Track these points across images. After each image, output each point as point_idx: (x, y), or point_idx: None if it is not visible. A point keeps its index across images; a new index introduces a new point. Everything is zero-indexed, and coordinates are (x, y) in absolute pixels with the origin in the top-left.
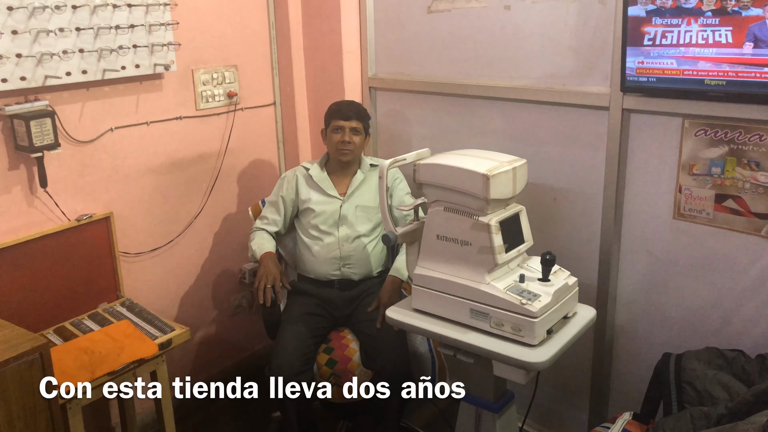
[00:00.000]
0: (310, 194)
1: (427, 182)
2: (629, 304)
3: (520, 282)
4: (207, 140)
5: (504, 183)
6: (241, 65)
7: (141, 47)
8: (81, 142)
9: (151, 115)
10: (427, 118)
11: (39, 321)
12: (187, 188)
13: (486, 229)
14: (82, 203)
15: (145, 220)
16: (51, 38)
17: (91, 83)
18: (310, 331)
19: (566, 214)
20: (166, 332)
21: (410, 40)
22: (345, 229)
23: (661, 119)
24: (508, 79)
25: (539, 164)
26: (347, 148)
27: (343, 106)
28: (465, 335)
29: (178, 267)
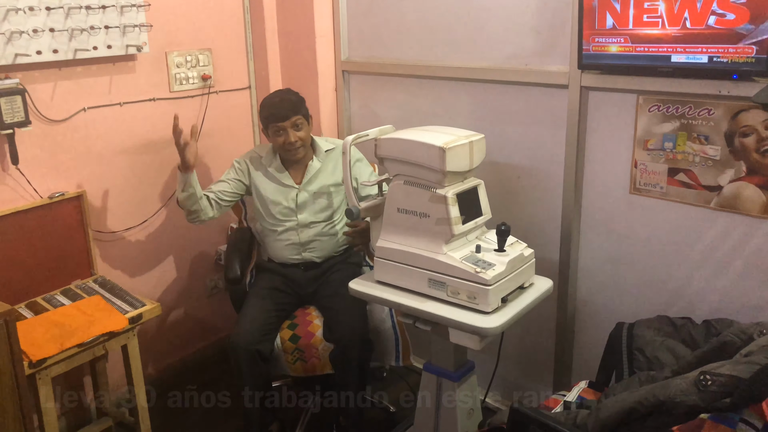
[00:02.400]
0: (265, 184)
1: (387, 157)
2: (589, 278)
3: (477, 252)
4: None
5: (460, 156)
6: (215, 49)
7: (112, 28)
8: (53, 121)
9: (125, 96)
10: (397, 100)
11: (11, 295)
12: (160, 169)
13: (443, 200)
14: (54, 181)
15: (119, 199)
16: (20, 16)
17: (63, 63)
18: (273, 305)
19: (529, 191)
20: (137, 307)
21: (381, 24)
22: (303, 215)
23: (617, 96)
24: (474, 60)
25: (504, 143)
26: (295, 147)
27: (274, 108)
28: (423, 304)
29: (152, 247)
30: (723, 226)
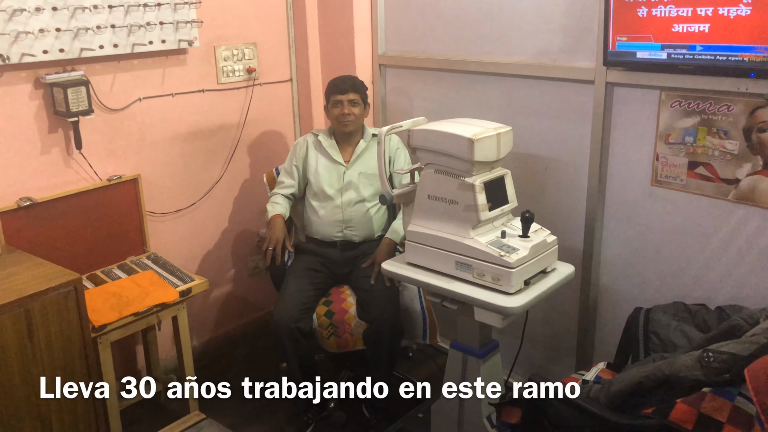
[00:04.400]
0: (318, 159)
1: (419, 146)
2: (611, 266)
3: (502, 237)
4: (227, 112)
5: (488, 147)
6: (260, 43)
7: (167, 24)
8: (112, 110)
9: (176, 87)
10: (431, 92)
11: (74, 268)
12: (208, 156)
13: (471, 188)
14: (113, 165)
15: (170, 183)
16: (86, 14)
17: (122, 56)
18: (311, 284)
19: (555, 182)
20: (187, 282)
21: (417, 20)
22: (348, 194)
23: (641, 92)
24: (505, 55)
25: (532, 135)
26: (347, 120)
27: (339, 82)
28: (450, 284)
29: (199, 228)
30: (740, 217)
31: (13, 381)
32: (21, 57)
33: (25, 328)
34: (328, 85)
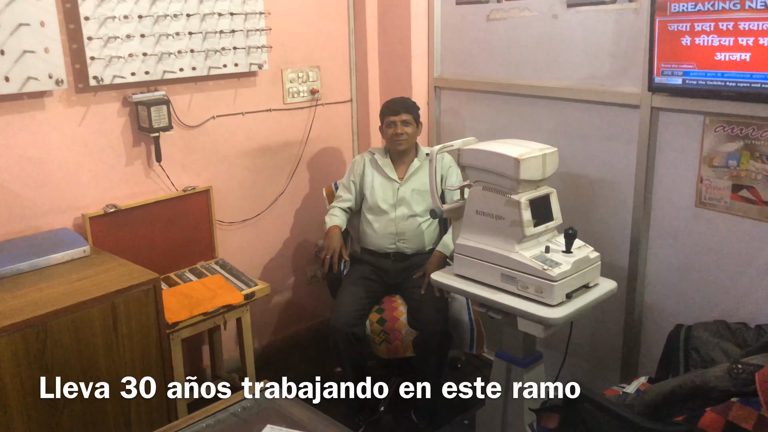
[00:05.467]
0: (373, 176)
1: (469, 165)
2: (656, 284)
3: (546, 252)
4: (292, 130)
5: (534, 167)
6: (323, 66)
7: (240, 49)
8: (189, 127)
9: (246, 106)
10: (483, 114)
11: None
12: (273, 170)
13: (517, 205)
14: (188, 177)
15: (238, 194)
16: (170, 40)
17: (199, 78)
18: (365, 293)
19: (601, 201)
20: (251, 286)
21: (471, 45)
22: (402, 209)
23: (685, 117)
24: (554, 79)
25: (579, 156)
26: (400, 139)
27: (392, 104)
28: (496, 295)
29: (263, 237)
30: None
31: (99, 366)
32: (112, 78)
33: (111, 320)
34: (382, 107)
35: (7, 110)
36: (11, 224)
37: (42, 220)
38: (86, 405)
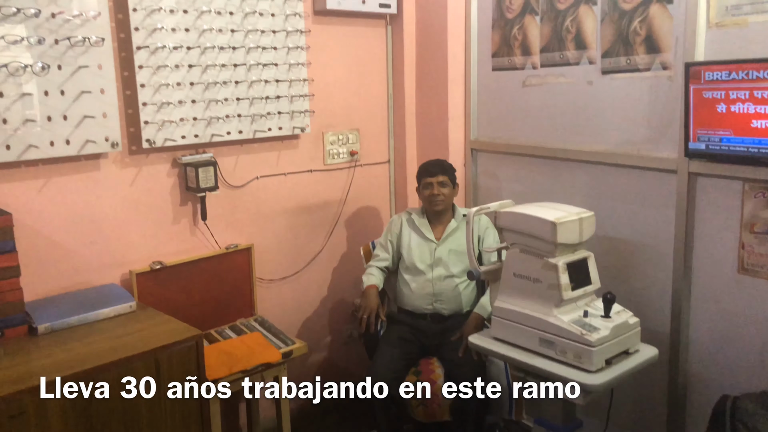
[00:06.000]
0: (410, 236)
1: (506, 227)
2: (699, 351)
3: (584, 317)
4: (331, 190)
5: (571, 230)
6: (362, 129)
7: (284, 114)
8: (233, 187)
9: (288, 167)
10: (520, 176)
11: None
12: (312, 229)
13: (554, 269)
14: (231, 235)
15: (278, 252)
16: (218, 106)
17: (245, 141)
18: (402, 354)
19: (640, 265)
20: (289, 345)
21: (507, 109)
22: (439, 270)
23: (724, 182)
24: (590, 144)
25: (616, 220)
26: (437, 200)
27: (429, 165)
28: (534, 360)
29: (301, 295)
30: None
31: (141, 421)
32: (164, 141)
33: (154, 376)
34: (419, 169)
35: (66, 171)
36: (64, 279)
37: (92, 276)
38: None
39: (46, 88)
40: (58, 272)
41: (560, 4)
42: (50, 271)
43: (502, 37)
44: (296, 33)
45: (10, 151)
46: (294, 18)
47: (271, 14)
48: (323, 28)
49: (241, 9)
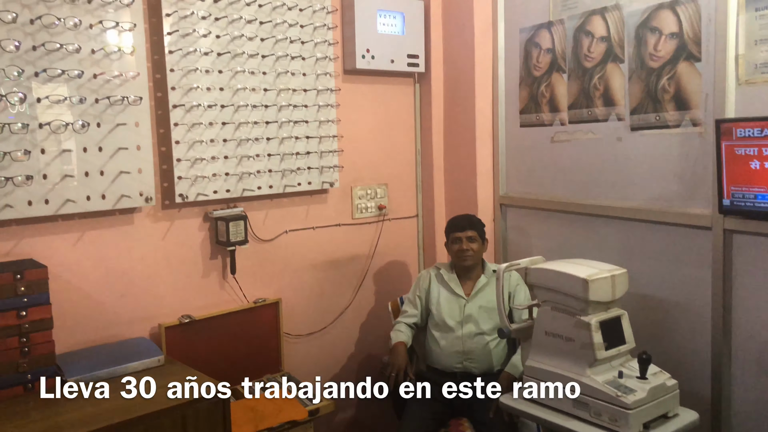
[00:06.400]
0: (439, 291)
1: (536, 284)
2: (744, 417)
3: (619, 378)
4: (359, 244)
5: (603, 288)
6: (390, 183)
7: (313, 169)
8: (263, 240)
9: (317, 221)
10: (550, 232)
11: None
12: (340, 284)
13: (587, 327)
14: (259, 289)
15: (306, 307)
16: (250, 162)
17: (274, 195)
18: (431, 415)
19: (676, 325)
20: (316, 402)
21: (536, 164)
22: (469, 327)
23: (762, 239)
24: (621, 199)
25: (650, 277)
26: (466, 255)
27: (457, 220)
28: (568, 422)
29: (328, 351)
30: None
31: None
32: (196, 196)
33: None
34: (447, 224)
35: (101, 225)
36: (93, 332)
37: (122, 329)
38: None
39: (85, 145)
40: (89, 325)
41: (587, 63)
42: (81, 324)
43: (530, 94)
44: (326, 91)
45: (48, 205)
46: (324, 77)
47: (302, 74)
48: (353, 87)
49: (274, 69)
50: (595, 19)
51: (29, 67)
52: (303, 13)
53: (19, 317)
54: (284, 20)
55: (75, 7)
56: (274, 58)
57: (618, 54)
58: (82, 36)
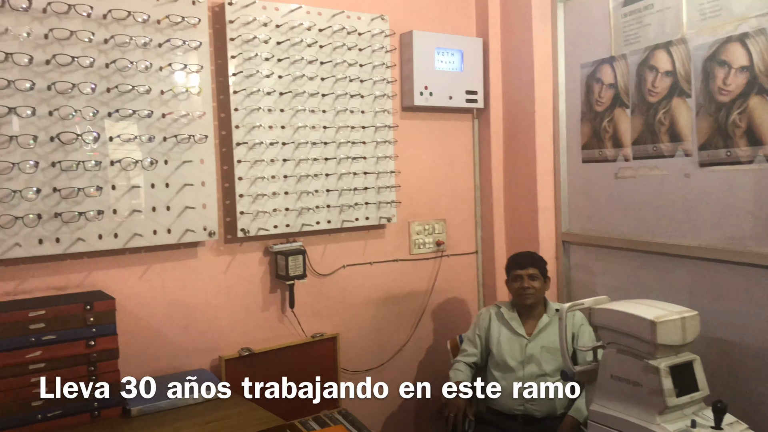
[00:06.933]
0: (500, 331)
1: (601, 325)
2: None
3: (692, 427)
4: (417, 280)
5: (672, 331)
6: (448, 219)
7: (371, 204)
8: (321, 275)
9: (374, 256)
10: (615, 271)
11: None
12: (398, 320)
13: (656, 372)
14: (317, 324)
15: (363, 343)
16: (309, 197)
17: (333, 230)
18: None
19: (755, 372)
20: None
21: (600, 201)
22: (531, 367)
23: None
24: (690, 238)
25: (725, 321)
26: (527, 293)
27: (518, 257)
28: None
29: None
30: None
31: None
32: (257, 231)
33: None
34: (508, 261)
35: (166, 258)
36: (156, 363)
37: (183, 360)
38: None
39: (153, 181)
40: (151, 355)
41: (651, 97)
42: (145, 354)
43: (592, 130)
44: (384, 128)
45: (117, 239)
46: (383, 114)
47: (361, 111)
48: (411, 123)
49: (334, 107)
50: (660, 53)
51: (103, 108)
52: (362, 52)
53: (87, 347)
54: (344, 60)
55: (147, 51)
56: (334, 97)
57: (684, 88)
58: (152, 78)
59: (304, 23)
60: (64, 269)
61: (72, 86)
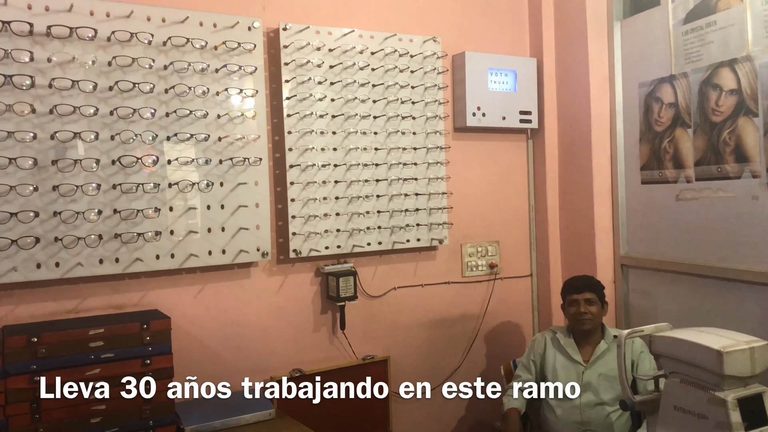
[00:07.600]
0: (555, 357)
1: (663, 353)
2: None
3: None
4: (469, 303)
5: (740, 361)
6: (502, 241)
7: (422, 226)
8: (371, 296)
9: (426, 278)
10: (677, 297)
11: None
12: (450, 343)
13: (722, 404)
14: (368, 346)
15: (414, 366)
16: (360, 218)
17: (384, 251)
18: None
19: None
20: None
21: (660, 224)
22: (588, 395)
23: None
24: (759, 263)
25: None
26: (584, 318)
27: (574, 281)
28: None
29: (438, 414)
30: None
31: None
32: (309, 252)
33: None
34: (564, 285)
35: (221, 278)
36: (209, 382)
37: (235, 380)
38: None
39: (209, 203)
40: (205, 375)
41: (715, 117)
42: (198, 374)
43: (651, 150)
44: (436, 149)
45: (173, 259)
46: (434, 135)
47: (412, 132)
48: (463, 144)
49: (385, 129)
50: (724, 71)
51: (162, 132)
52: (414, 74)
53: (143, 365)
54: (396, 82)
55: (204, 77)
56: (386, 119)
57: (751, 107)
58: (209, 102)
59: (356, 47)
60: (122, 288)
61: (133, 111)
